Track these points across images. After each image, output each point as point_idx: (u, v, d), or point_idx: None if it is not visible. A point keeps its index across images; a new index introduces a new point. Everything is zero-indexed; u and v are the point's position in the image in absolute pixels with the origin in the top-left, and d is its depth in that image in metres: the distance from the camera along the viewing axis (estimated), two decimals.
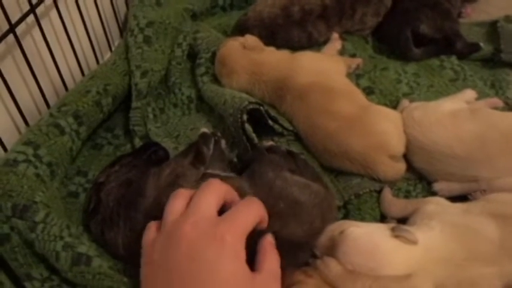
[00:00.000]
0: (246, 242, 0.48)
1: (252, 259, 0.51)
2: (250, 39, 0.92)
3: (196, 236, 0.43)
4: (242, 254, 0.45)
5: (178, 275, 0.42)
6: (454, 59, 1.03)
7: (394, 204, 0.75)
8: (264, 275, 0.47)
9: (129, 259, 0.66)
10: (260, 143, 0.80)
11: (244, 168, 0.73)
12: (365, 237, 0.63)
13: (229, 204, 0.52)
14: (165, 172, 0.69)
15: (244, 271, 0.44)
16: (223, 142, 0.81)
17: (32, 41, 0.83)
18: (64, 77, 0.90)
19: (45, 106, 0.85)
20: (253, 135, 0.79)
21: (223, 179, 0.67)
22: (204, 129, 0.79)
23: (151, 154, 0.77)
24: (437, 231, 0.64)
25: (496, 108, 0.86)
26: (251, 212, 0.48)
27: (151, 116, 0.91)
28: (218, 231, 0.43)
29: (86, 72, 0.96)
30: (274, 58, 0.91)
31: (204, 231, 0.44)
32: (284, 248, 0.62)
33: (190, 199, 0.50)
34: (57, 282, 0.65)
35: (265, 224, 0.51)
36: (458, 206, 0.70)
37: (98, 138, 0.90)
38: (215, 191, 0.49)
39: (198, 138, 0.76)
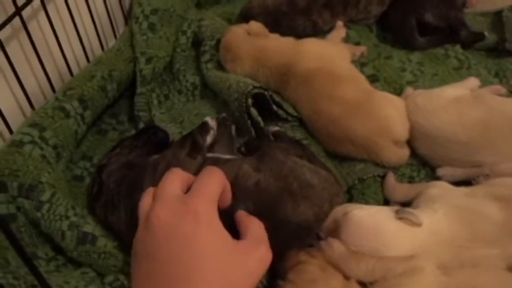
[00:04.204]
0: (225, 221, 0.47)
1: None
2: (255, 26, 0.92)
3: (168, 216, 0.43)
4: (218, 222, 0.44)
5: (160, 259, 0.42)
6: (458, 48, 1.03)
7: (397, 188, 0.76)
8: (249, 240, 0.46)
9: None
10: (266, 128, 0.80)
11: (250, 154, 0.73)
12: (369, 219, 0.63)
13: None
14: (161, 165, 0.69)
15: (225, 238, 0.44)
16: (233, 128, 0.82)
17: (38, 26, 0.83)
18: (69, 62, 0.90)
19: (50, 90, 0.86)
20: (259, 119, 0.79)
21: (224, 161, 0.68)
22: (208, 119, 0.79)
23: (151, 136, 0.78)
24: (441, 214, 0.65)
25: (499, 95, 0.86)
26: (214, 180, 0.46)
27: (155, 102, 0.92)
28: (188, 206, 0.43)
29: (91, 58, 0.96)
30: (279, 44, 0.91)
31: (174, 210, 0.43)
32: (293, 232, 0.63)
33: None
34: (63, 262, 0.66)
35: (228, 193, 0.50)
36: (462, 190, 0.70)
37: (103, 123, 0.91)
38: (176, 175, 0.48)
39: (196, 127, 0.77)
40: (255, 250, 0.45)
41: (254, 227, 0.48)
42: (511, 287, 0.58)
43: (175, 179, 0.47)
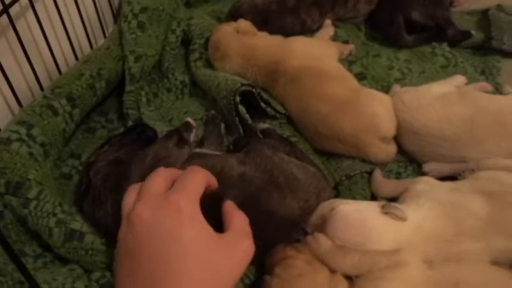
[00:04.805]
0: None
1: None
2: (243, 24, 0.93)
3: (149, 213, 0.42)
4: (200, 217, 0.43)
5: (142, 256, 0.41)
6: (445, 46, 1.04)
7: (384, 184, 0.76)
8: (232, 233, 0.46)
9: None
10: (255, 125, 0.81)
11: (238, 151, 0.74)
12: (354, 214, 0.64)
13: None
14: (149, 156, 0.70)
15: (208, 233, 0.43)
16: (222, 126, 0.82)
17: (26, 24, 0.83)
18: (58, 61, 0.90)
19: (38, 89, 0.86)
20: (247, 116, 0.80)
21: (212, 156, 0.68)
22: (189, 119, 0.80)
23: (140, 133, 0.78)
24: (426, 209, 0.65)
25: (485, 92, 0.87)
26: (197, 176, 0.46)
27: (144, 100, 0.92)
28: (170, 202, 0.42)
29: (79, 57, 0.96)
30: (267, 42, 0.92)
31: (157, 206, 0.43)
32: (279, 225, 0.64)
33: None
34: (50, 259, 0.66)
35: (213, 183, 0.50)
36: (447, 185, 0.71)
37: (92, 122, 0.91)
38: (160, 173, 0.48)
39: (180, 126, 0.77)
40: (239, 243, 0.45)
41: (238, 220, 0.48)
42: (495, 280, 0.58)
43: (159, 178, 0.47)
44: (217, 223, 0.48)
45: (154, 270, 0.40)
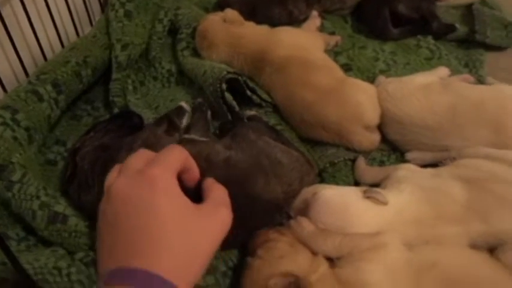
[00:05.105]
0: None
1: None
2: (230, 13, 0.93)
3: (127, 185, 0.42)
4: (176, 189, 0.43)
5: (120, 229, 0.41)
6: (430, 38, 1.06)
7: (367, 171, 0.77)
8: (210, 202, 0.46)
9: None
10: (241, 112, 0.82)
11: (224, 135, 0.75)
12: (336, 198, 0.65)
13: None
14: (137, 142, 0.70)
15: (184, 203, 0.43)
16: (209, 113, 0.83)
17: (12, 12, 0.83)
18: (44, 48, 0.90)
19: (24, 75, 0.85)
20: (234, 103, 0.80)
21: (199, 142, 0.69)
22: (182, 103, 0.80)
23: (126, 120, 0.78)
24: (407, 194, 0.66)
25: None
26: (173, 152, 0.46)
27: (131, 88, 0.92)
28: (146, 174, 0.42)
29: (66, 45, 0.96)
30: (254, 31, 0.92)
31: (134, 179, 0.42)
32: (263, 209, 0.64)
33: None
34: (33, 242, 0.66)
35: (193, 166, 0.48)
36: (428, 171, 0.72)
37: (78, 110, 0.91)
38: (140, 153, 0.47)
39: (172, 110, 0.78)
40: (216, 212, 0.45)
41: (215, 190, 0.48)
42: (472, 262, 0.60)
43: (139, 157, 0.47)
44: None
45: (133, 242, 0.40)
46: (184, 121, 0.77)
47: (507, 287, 0.56)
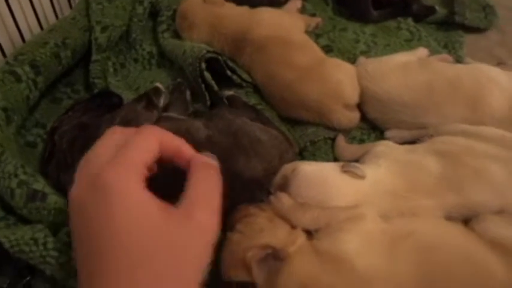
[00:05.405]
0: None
1: None
2: None
3: (81, 195, 0.36)
4: (138, 192, 0.36)
5: (82, 243, 0.36)
6: (410, 20, 1.07)
7: (346, 148, 0.78)
8: (182, 206, 0.37)
9: None
10: (220, 92, 0.82)
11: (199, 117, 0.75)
12: (315, 173, 0.65)
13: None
14: (117, 119, 0.70)
15: (148, 213, 0.35)
16: (188, 93, 0.82)
17: None
18: (22, 31, 0.89)
19: (1, 57, 0.84)
20: (213, 82, 0.80)
21: (176, 119, 0.69)
22: (158, 84, 0.80)
23: (105, 99, 0.78)
24: (384, 168, 0.67)
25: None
26: (139, 144, 0.38)
27: (111, 70, 0.92)
28: (100, 181, 0.35)
29: (44, 27, 0.95)
30: (235, 12, 0.92)
31: (87, 189, 0.36)
32: (244, 186, 0.65)
33: None
34: (13, 222, 0.66)
35: (177, 144, 0.42)
36: (405, 147, 0.73)
37: (58, 92, 0.90)
38: (110, 136, 0.41)
39: (149, 90, 0.78)
40: (189, 218, 0.37)
41: (198, 183, 0.40)
42: (447, 232, 0.61)
43: (105, 145, 0.39)
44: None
45: (93, 266, 0.34)
46: (162, 101, 0.77)
47: (480, 255, 0.57)
